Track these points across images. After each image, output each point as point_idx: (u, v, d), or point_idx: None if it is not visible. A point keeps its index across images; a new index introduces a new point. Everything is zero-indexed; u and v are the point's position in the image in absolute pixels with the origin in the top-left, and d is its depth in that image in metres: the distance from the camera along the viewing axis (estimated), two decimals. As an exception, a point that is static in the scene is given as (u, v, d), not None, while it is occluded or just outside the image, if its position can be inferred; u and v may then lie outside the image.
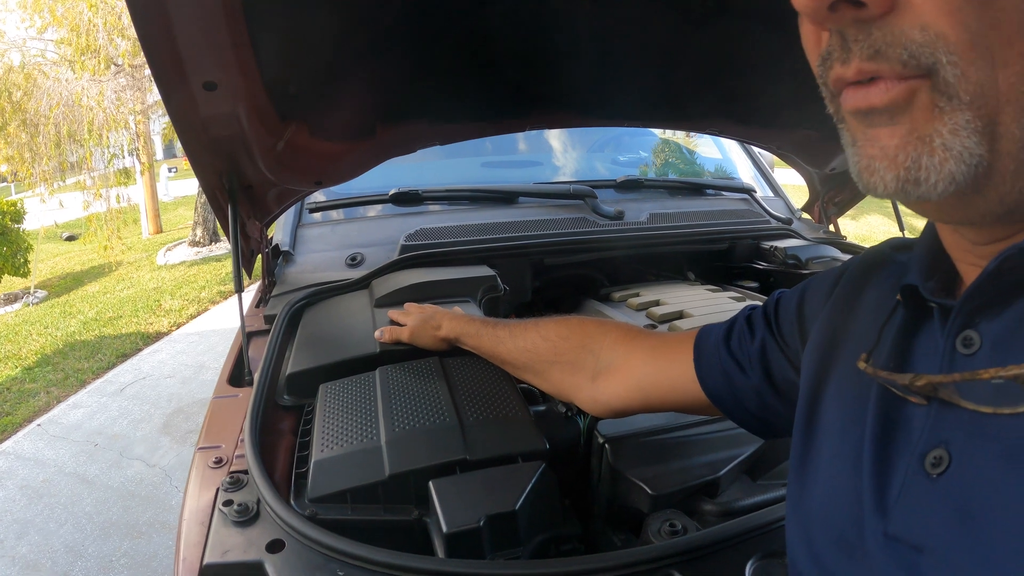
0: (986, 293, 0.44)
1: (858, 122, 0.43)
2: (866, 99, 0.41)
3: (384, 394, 1.08)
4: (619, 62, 1.42)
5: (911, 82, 0.39)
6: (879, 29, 0.39)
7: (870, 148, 0.42)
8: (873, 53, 0.40)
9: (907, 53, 0.38)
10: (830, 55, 0.43)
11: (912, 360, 0.51)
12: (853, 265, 0.67)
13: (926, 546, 0.42)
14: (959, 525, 0.40)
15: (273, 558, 0.78)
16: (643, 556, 0.74)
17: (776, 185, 2.56)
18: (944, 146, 0.39)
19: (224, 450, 1.05)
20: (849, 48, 0.41)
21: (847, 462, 0.52)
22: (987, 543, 0.39)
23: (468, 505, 0.84)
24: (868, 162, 0.42)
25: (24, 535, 3.11)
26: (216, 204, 1.41)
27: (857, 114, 0.42)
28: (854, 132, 0.44)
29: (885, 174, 0.41)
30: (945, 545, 0.41)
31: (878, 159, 0.41)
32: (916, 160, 0.40)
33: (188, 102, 1.09)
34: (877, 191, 0.42)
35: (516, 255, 1.80)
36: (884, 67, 0.40)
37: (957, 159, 0.39)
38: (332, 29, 1.14)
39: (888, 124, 0.41)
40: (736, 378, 0.77)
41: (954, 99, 0.38)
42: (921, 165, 0.40)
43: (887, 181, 0.41)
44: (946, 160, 0.39)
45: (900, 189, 0.41)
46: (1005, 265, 0.42)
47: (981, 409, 0.42)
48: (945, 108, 0.38)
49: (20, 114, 8.09)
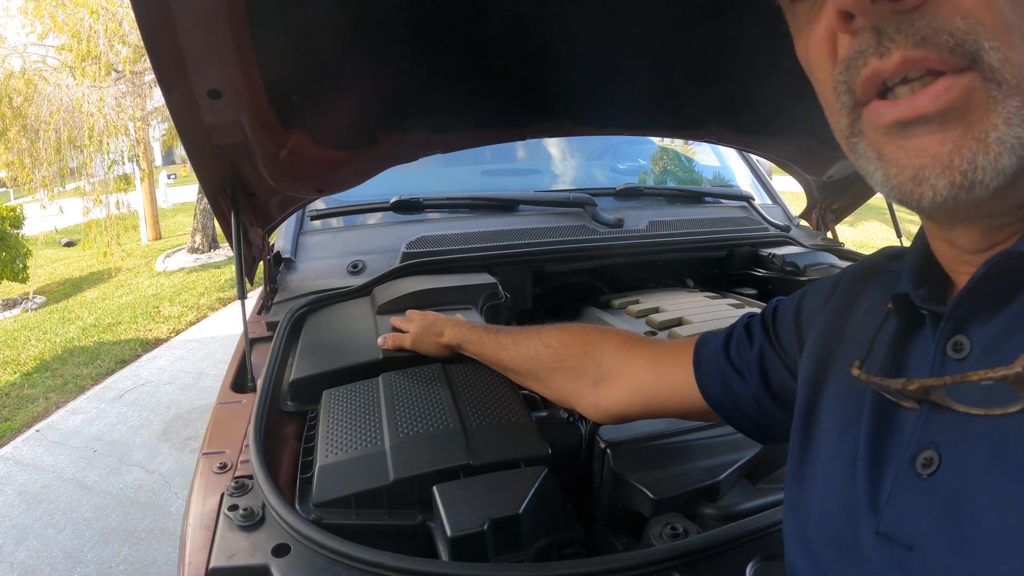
0: (975, 299, 0.46)
1: (890, 135, 0.43)
2: (913, 108, 0.41)
3: (388, 400, 1.10)
4: (618, 72, 1.44)
5: (966, 78, 0.39)
6: (921, 18, 0.40)
7: (915, 158, 0.42)
8: (920, 40, 0.40)
9: (953, 40, 0.39)
10: (860, 55, 0.43)
11: (905, 366, 0.52)
12: (848, 274, 0.69)
13: (916, 544, 0.44)
14: (948, 523, 0.42)
15: (279, 562, 0.79)
16: (645, 559, 0.75)
17: (774, 192, 2.57)
18: (999, 139, 0.39)
19: (228, 455, 1.06)
20: (890, 39, 0.41)
21: (843, 465, 0.53)
22: (975, 541, 0.40)
23: (472, 509, 0.85)
24: (915, 172, 0.42)
25: (23, 541, 3.11)
26: (219, 211, 1.42)
27: (894, 126, 0.42)
28: (881, 145, 0.44)
29: (937, 182, 0.41)
30: (935, 543, 0.42)
31: (928, 167, 0.41)
32: (972, 162, 0.40)
33: (192, 110, 1.11)
34: (923, 201, 0.42)
35: (517, 262, 1.82)
36: (932, 54, 0.40)
37: (1010, 151, 0.39)
38: (335, 39, 1.15)
39: (937, 132, 0.41)
40: (735, 384, 0.79)
41: (1003, 84, 0.39)
42: (977, 166, 0.40)
43: (939, 189, 0.41)
44: (1000, 154, 0.39)
45: (952, 196, 0.41)
46: (993, 271, 0.44)
47: (972, 411, 0.43)
48: (998, 96, 0.39)
49: (20, 120, 8.12)
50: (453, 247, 1.82)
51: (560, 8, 1.20)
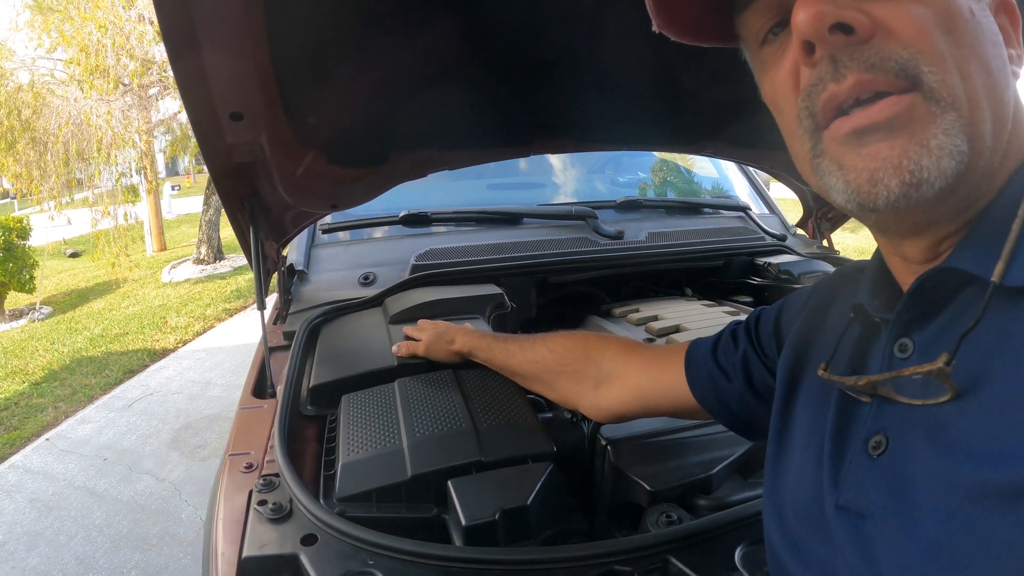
0: (911, 309, 0.54)
1: (848, 145, 0.50)
2: (867, 116, 0.48)
3: (404, 403, 1.16)
4: (617, 90, 1.49)
5: (909, 96, 0.47)
6: (870, 49, 0.48)
7: (870, 163, 0.48)
8: (870, 66, 0.48)
9: (897, 66, 0.47)
10: (820, 81, 0.50)
11: (864, 366, 0.60)
12: (822, 284, 0.77)
13: (867, 512, 0.52)
14: (893, 494, 0.50)
15: (307, 550, 0.85)
16: (642, 543, 0.82)
17: (771, 202, 2.62)
18: (939, 146, 0.46)
19: (254, 456, 1.12)
20: (845, 66, 0.49)
21: (812, 453, 0.61)
22: (914, 507, 0.47)
23: (484, 501, 0.91)
24: (870, 175, 0.48)
25: (34, 547, 3.15)
26: (237, 226, 1.49)
27: (850, 136, 0.49)
28: (841, 156, 0.51)
29: (890, 181, 0.47)
30: (883, 511, 0.50)
31: (882, 169, 0.48)
32: (918, 163, 0.47)
33: (215, 131, 1.17)
34: (878, 200, 0.48)
35: (522, 274, 1.87)
36: (880, 77, 0.48)
37: (949, 156, 0.47)
38: (350, 64, 1.21)
39: (886, 139, 0.48)
40: (721, 384, 0.86)
41: (941, 102, 0.47)
42: (923, 167, 0.46)
43: (891, 188, 0.47)
44: (942, 158, 0.46)
45: (903, 194, 0.47)
46: (925, 286, 0.52)
47: (912, 401, 0.51)
48: (936, 112, 0.47)
49: (29, 132, 8.16)
50: (460, 259, 1.88)
51: (562, 30, 1.26)
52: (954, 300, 0.52)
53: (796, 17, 0.49)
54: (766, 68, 0.58)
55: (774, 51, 0.57)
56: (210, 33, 0.97)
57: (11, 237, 7.62)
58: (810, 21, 0.48)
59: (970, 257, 0.49)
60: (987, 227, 0.50)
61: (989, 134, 0.48)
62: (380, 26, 1.16)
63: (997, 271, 0.46)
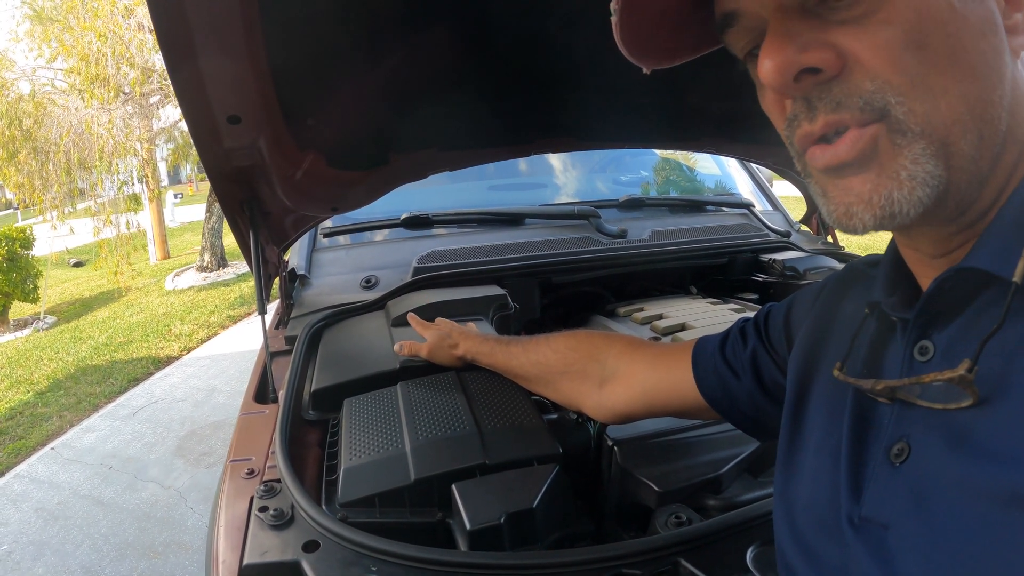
0: (932, 310, 0.52)
1: (828, 176, 0.50)
2: (836, 156, 0.48)
3: (406, 406, 1.15)
4: (617, 89, 1.48)
5: (871, 128, 0.47)
6: (837, 86, 0.47)
7: (845, 196, 0.49)
8: (835, 106, 0.47)
9: (863, 101, 0.46)
10: (796, 118, 0.50)
11: (880, 366, 0.58)
12: (833, 279, 0.75)
13: (890, 523, 0.49)
14: (915, 504, 0.48)
15: (309, 557, 0.84)
16: (652, 545, 0.80)
17: (774, 199, 2.61)
18: (910, 177, 0.46)
19: (255, 462, 1.11)
20: (815, 107, 0.49)
21: (828, 456, 0.59)
22: (935, 517, 0.46)
23: (489, 504, 0.90)
24: (846, 208, 0.49)
25: (40, 556, 3.15)
26: (237, 230, 1.48)
27: (827, 170, 0.49)
28: (824, 185, 0.51)
29: (864, 215, 0.48)
30: (905, 521, 0.48)
31: (855, 204, 0.48)
32: (888, 196, 0.47)
33: (213, 135, 1.16)
34: (857, 231, 0.49)
35: (525, 274, 1.87)
36: (846, 115, 0.47)
37: (922, 184, 0.46)
38: (348, 64, 1.21)
39: (859, 172, 0.48)
40: (730, 383, 0.84)
41: (908, 133, 0.46)
42: (894, 200, 0.47)
43: (865, 221, 0.48)
44: (914, 188, 0.46)
45: (878, 225, 0.48)
46: (945, 285, 0.50)
47: (933, 406, 0.49)
48: (902, 143, 0.46)
49: (31, 142, 8.19)
50: (463, 261, 1.87)
51: (562, 30, 1.25)
52: (975, 300, 0.50)
53: (761, 69, 0.49)
54: (759, 84, 0.57)
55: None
56: (207, 38, 0.96)
57: (15, 247, 7.67)
58: (774, 75, 0.48)
59: (989, 256, 0.48)
60: (1006, 225, 0.48)
61: (972, 144, 0.46)
62: (378, 29, 1.16)
63: (1019, 271, 0.44)
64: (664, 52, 0.62)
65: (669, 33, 0.60)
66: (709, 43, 0.62)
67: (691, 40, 0.61)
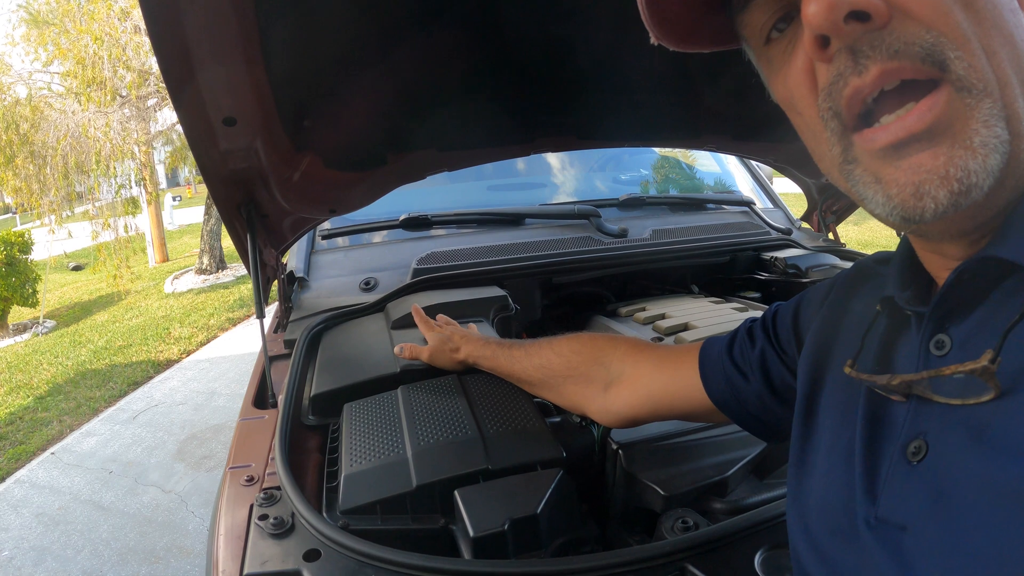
0: (949, 302, 0.50)
1: (886, 157, 0.46)
2: (904, 128, 0.44)
3: (407, 410, 1.14)
4: (616, 87, 1.47)
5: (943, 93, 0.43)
6: (890, 35, 0.44)
7: (912, 176, 0.44)
8: (893, 53, 0.44)
9: (923, 51, 0.44)
10: (840, 77, 0.47)
11: (894, 362, 0.57)
12: (842, 277, 0.73)
13: (908, 525, 0.48)
14: (935, 504, 0.46)
15: (310, 566, 0.82)
16: (658, 551, 0.78)
17: (775, 196, 2.61)
18: (983, 143, 0.43)
19: (255, 469, 1.09)
20: (866, 56, 0.45)
21: (841, 457, 0.57)
22: (957, 517, 0.44)
23: (492, 510, 0.88)
24: (915, 188, 0.44)
25: (41, 562, 3.14)
26: (234, 233, 1.47)
27: (888, 149, 0.46)
28: (878, 169, 0.47)
29: (937, 192, 0.44)
30: (924, 522, 0.46)
31: (927, 182, 0.44)
32: (965, 168, 0.43)
33: (209, 137, 1.15)
34: (926, 213, 0.44)
35: (525, 275, 1.85)
36: (907, 64, 0.44)
37: (994, 150, 0.43)
38: (344, 64, 1.20)
39: (928, 147, 0.44)
40: (739, 384, 0.83)
41: (974, 90, 0.43)
42: (970, 171, 0.43)
43: (939, 199, 0.44)
44: (987, 156, 0.43)
45: (952, 204, 0.44)
46: (964, 275, 0.48)
47: (951, 402, 0.47)
48: (971, 103, 0.43)
49: (28, 146, 8.18)
50: (462, 262, 1.86)
51: (563, 28, 1.24)
52: (994, 291, 0.48)
53: (807, 9, 0.45)
54: (775, 68, 0.55)
55: (782, 49, 0.53)
56: (201, 40, 0.96)
57: (13, 252, 7.65)
58: (823, 13, 0.44)
59: (1012, 245, 0.46)
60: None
61: None
62: (375, 30, 1.15)
63: None
64: (682, 34, 0.60)
65: (697, 14, 0.58)
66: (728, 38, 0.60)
67: (709, 30, 0.59)
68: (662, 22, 0.58)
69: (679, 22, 0.58)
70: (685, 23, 0.58)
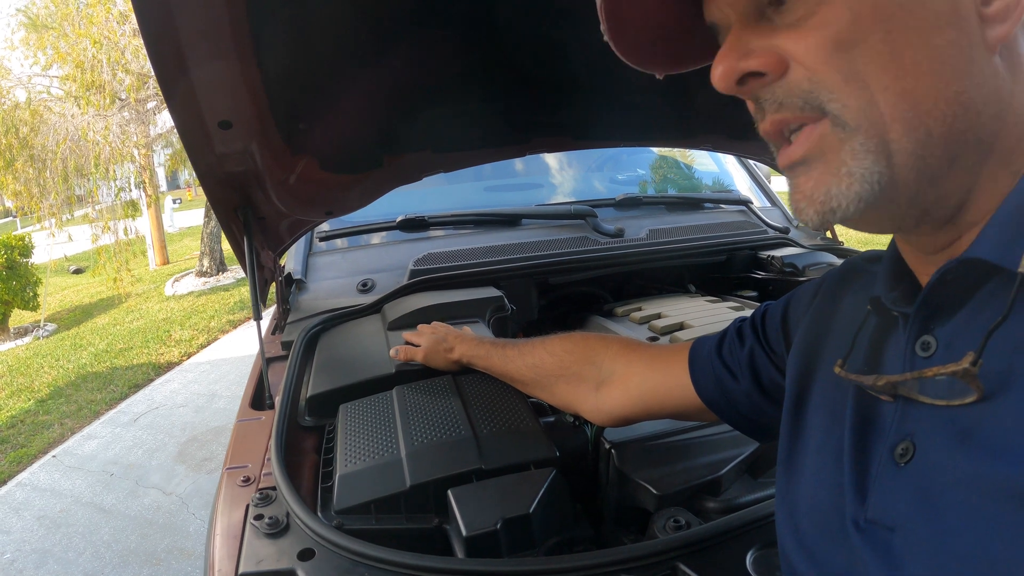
0: (932, 303, 0.51)
1: (788, 176, 0.53)
2: (788, 156, 0.51)
3: (402, 411, 1.14)
4: (615, 87, 1.47)
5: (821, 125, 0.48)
6: (779, 87, 0.50)
7: (796, 194, 0.51)
8: (778, 105, 0.50)
9: (801, 100, 0.49)
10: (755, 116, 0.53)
11: (882, 363, 0.57)
12: (831, 276, 0.74)
13: (897, 525, 0.48)
14: (922, 505, 0.46)
15: (305, 565, 0.83)
16: (650, 550, 0.79)
17: (772, 195, 2.60)
18: (848, 172, 0.47)
19: (251, 469, 1.10)
20: (763, 108, 0.52)
21: (830, 457, 0.58)
22: (943, 517, 0.44)
23: (485, 510, 0.89)
24: (797, 206, 0.51)
25: (43, 564, 3.14)
26: (231, 235, 1.47)
27: (785, 171, 0.53)
28: (788, 183, 0.53)
29: (808, 210, 0.50)
30: (912, 523, 0.47)
31: (801, 201, 0.51)
32: (827, 192, 0.49)
33: (205, 141, 1.15)
34: (810, 226, 0.51)
35: (521, 275, 1.85)
36: (788, 114, 0.50)
37: (860, 180, 0.47)
38: (339, 67, 1.20)
39: (804, 172, 0.50)
40: (728, 383, 0.83)
41: (846, 127, 0.47)
42: (832, 195, 0.48)
43: (811, 216, 0.50)
44: (852, 184, 0.47)
45: (823, 221, 0.50)
46: (946, 277, 0.49)
47: (937, 403, 0.48)
48: (844, 137, 0.47)
49: (27, 150, 8.18)
50: (459, 263, 1.86)
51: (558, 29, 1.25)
52: (977, 292, 0.49)
53: (712, 76, 0.52)
54: None
55: None
56: (196, 43, 0.96)
57: (13, 255, 7.66)
58: (719, 81, 0.51)
59: (993, 247, 0.46)
60: (1009, 215, 0.47)
61: (919, 141, 0.46)
62: (370, 32, 1.15)
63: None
64: (670, 59, 0.63)
65: (669, 43, 0.61)
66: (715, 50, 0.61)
67: (696, 49, 0.62)
68: (638, 56, 0.62)
69: (658, 50, 0.63)
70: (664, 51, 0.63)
